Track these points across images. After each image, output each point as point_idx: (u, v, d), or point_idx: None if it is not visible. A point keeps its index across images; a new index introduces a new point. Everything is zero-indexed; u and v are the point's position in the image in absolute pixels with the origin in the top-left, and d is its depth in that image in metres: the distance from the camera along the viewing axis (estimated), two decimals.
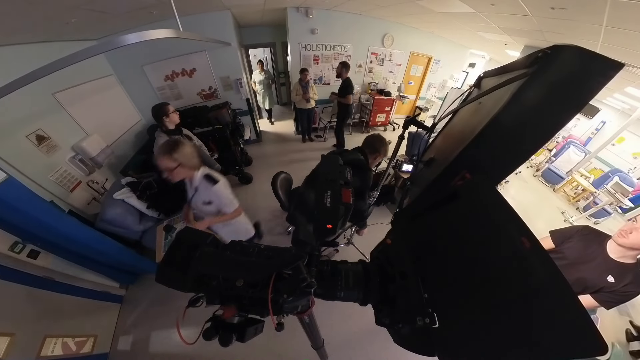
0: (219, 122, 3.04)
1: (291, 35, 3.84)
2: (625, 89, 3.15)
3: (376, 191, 1.83)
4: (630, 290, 0.99)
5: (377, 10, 3.66)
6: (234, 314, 0.38)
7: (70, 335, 1.46)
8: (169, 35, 1.42)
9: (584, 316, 0.22)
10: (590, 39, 2.04)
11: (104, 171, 2.51)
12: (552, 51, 0.46)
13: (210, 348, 0.41)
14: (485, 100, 0.73)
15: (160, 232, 1.80)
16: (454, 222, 0.41)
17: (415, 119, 1.24)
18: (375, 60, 4.75)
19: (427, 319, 0.33)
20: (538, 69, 0.48)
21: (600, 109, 4.58)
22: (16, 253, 1.38)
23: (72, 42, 2.29)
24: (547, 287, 0.25)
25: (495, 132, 0.57)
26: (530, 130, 0.54)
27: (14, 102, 1.62)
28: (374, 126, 5.32)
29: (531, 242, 0.27)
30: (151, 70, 3.19)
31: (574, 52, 0.44)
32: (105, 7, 1.85)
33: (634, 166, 4.07)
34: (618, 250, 1.02)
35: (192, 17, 2.94)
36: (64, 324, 1.48)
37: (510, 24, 2.62)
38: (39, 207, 1.30)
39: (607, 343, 0.21)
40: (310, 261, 0.44)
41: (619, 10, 1.46)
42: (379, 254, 0.49)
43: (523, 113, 0.52)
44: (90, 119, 2.43)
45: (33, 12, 1.44)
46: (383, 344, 1.72)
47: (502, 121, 0.54)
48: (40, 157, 1.89)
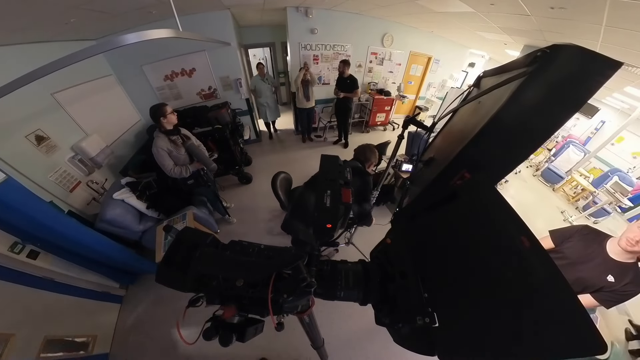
0: (218, 122, 3.04)
1: (291, 35, 3.84)
2: (625, 88, 3.16)
3: (376, 191, 1.84)
4: (630, 290, 0.99)
5: (376, 10, 3.65)
6: (234, 314, 0.38)
7: (70, 336, 1.46)
8: (168, 35, 1.42)
9: (583, 315, 0.22)
10: (590, 39, 2.04)
11: (103, 171, 2.50)
12: (551, 50, 0.46)
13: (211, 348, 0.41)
14: (484, 100, 0.72)
15: (160, 232, 1.80)
16: (453, 222, 0.41)
17: (414, 118, 1.24)
18: (375, 59, 4.75)
19: (427, 318, 0.33)
20: (537, 67, 0.48)
21: (599, 109, 4.58)
22: (16, 253, 1.38)
23: (72, 42, 2.28)
24: (547, 287, 0.25)
25: (494, 131, 0.57)
26: (529, 129, 0.54)
27: (13, 102, 1.61)
28: (374, 126, 5.32)
29: (531, 242, 0.27)
30: (150, 70, 3.19)
31: (573, 51, 0.44)
32: (105, 6, 1.85)
33: (634, 166, 4.07)
34: (618, 251, 1.03)
35: (192, 16, 2.94)
36: (64, 325, 1.48)
37: (509, 23, 2.62)
38: (38, 207, 1.30)
39: (606, 342, 0.21)
40: (310, 261, 0.44)
41: (618, 10, 1.46)
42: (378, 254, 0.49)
43: (522, 112, 0.52)
44: (90, 119, 2.42)
45: (32, 11, 1.44)
46: (383, 344, 1.72)
47: (502, 120, 0.54)
48: (39, 157, 1.88)
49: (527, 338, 0.25)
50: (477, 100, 0.78)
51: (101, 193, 2.28)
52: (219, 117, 3.00)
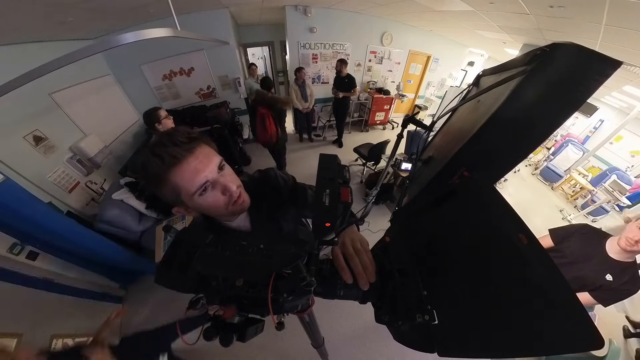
0: (217, 121, 3.04)
1: (290, 34, 3.83)
2: (624, 87, 3.16)
3: (375, 189, 1.84)
4: (628, 288, 1.00)
5: (375, 9, 3.65)
6: (234, 314, 0.38)
7: (72, 336, 1.46)
8: (167, 34, 1.41)
9: (581, 311, 0.22)
10: (590, 38, 2.04)
11: (102, 172, 2.49)
12: (550, 49, 0.46)
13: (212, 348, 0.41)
14: (484, 99, 0.73)
15: (160, 232, 1.80)
16: (451, 220, 0.42)
17: (414, 117, 1.25)
18: (374, 58, 4.75)
19: (427, 316, 0.34)
20: (536, 66, 0.48)
21: (598, 108, 4.59)
22: (15, 254, 1.38)
23: (69, 41, 2.27)
24: (545, 283, 0.25)
25: (493, 130, 0.57)
26: (528, 128, 0.54)
27: (11, 102, 1.60)
28: (373, 125, 5.32)
29: (528, 239, 0.28)
30: (149, 69, 3.18)
31: (572, 49, 0.44)
32: (103, 5, 1.84)
33: (632, 164, 4.09)
34: (617, 250, 1.03)
35: (190, 15, 2.93)
36: (65, 325, 1.48)
37: (509, 22, 2.62)
38: (37, 208, 1.30)
39: (604, 338, 0.21)
40: (309, 260, 0.44)
41: (618, 9, 1.46)
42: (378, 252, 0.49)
43: (521, 111, 0.52)
44: (88, 119, 2.41)
45: (30, 11, 1.43)
46: (383, 341, 1.72)
47: (501, 119, 0.54)
48: (37, 158, 1.88)
49: (525, 333, 0.25)
50: (476, 99, 0.79)
51: (100, 193, 2.27)
52: (217, 116, 3.00)
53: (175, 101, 3.57)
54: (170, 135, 0.44)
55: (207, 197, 0.46)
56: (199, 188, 0.44)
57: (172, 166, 0.42)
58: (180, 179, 0.43)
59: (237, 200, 0.50)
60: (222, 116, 3.06)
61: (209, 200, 0.47)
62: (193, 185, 0.44)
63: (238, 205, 0.51)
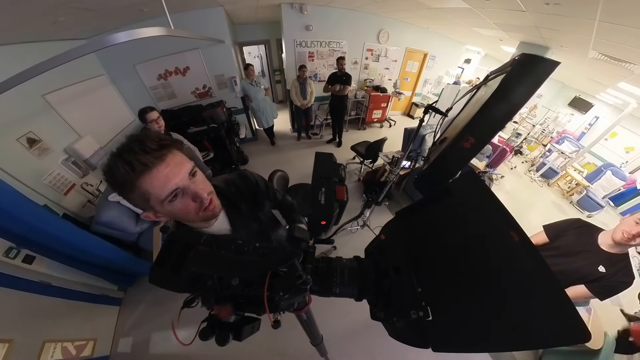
0: (213, 121, 3.01)
1: (286, 32, 3.80)
2: (618, 84, 3.19)
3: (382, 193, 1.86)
4: (621, 280, 1.02)
5: (372, 6, 3.63)
6: (230, 313, 0.38)
7: (70, 340, 1.45)
8: (160, 33, 1.40)
9: (569, 306, 0.23)
10: (584, 34, 2.05)
11: (98, 173, 2.47)
12: (519, 56, 0.82)
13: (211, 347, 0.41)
14: (487, 88, 1.03)
15: (157, 233, 1.79)
16: (445, 218, 0.42)
17: (433, 105, 1.48)
18: (371, 56, 4.74)
19: (421, 312, 0.34)
20: (512, 67, 0.80)
21: (593, 105, 4.64)
22: (11, 258, 1.36)
23: (62, 41, 2.23)
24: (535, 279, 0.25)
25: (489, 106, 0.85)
26: (508, 106, 0.83)
27: (3, 104, 1.58)
28: (370, 123, 5.32)
29: (519, 236, 0.28)
30: (143, 69, 3.14)
31: (530, 57, 0.78)
32: (94, 4, 1.81)
33: (626, 160, 4.14)
34: (610, 243, 1.06)
35: (184, 14, 2.89)
36: (63, 329, 1.47)
37: (505, 19, 2.63)
38: (32, 211, 1.28)
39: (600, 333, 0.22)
40: (305, 258, 0.44)
41: (612, 4, 1.47)
42: (373, 250, 0.49)
43: (504, 95, 0.82)
44: (83, 120, 2.38)
45: (18, 10, 1.40)
46: (381, 338, 1.74)
47: (493, 100, 0.83)
48: (32, 160, 1.85)
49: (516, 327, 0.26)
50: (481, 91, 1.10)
51: (96, 195, 2.25)
52: (214, 116, 2.97)
53: (171, 101, 3.54)
54: (141, 141, 0.43)
55: (176, 204, 0.47)
56: (168, 195, 0.44)
57: (142, 174, 0.42)
58: (150, 187, 0.43)
59: (208, 207, 0.51)
60: (218, 115, 3.03)
61: (179, 207, 0.47)
62: (163, 193, 0.44)
63: (209, 212, 0.52)
